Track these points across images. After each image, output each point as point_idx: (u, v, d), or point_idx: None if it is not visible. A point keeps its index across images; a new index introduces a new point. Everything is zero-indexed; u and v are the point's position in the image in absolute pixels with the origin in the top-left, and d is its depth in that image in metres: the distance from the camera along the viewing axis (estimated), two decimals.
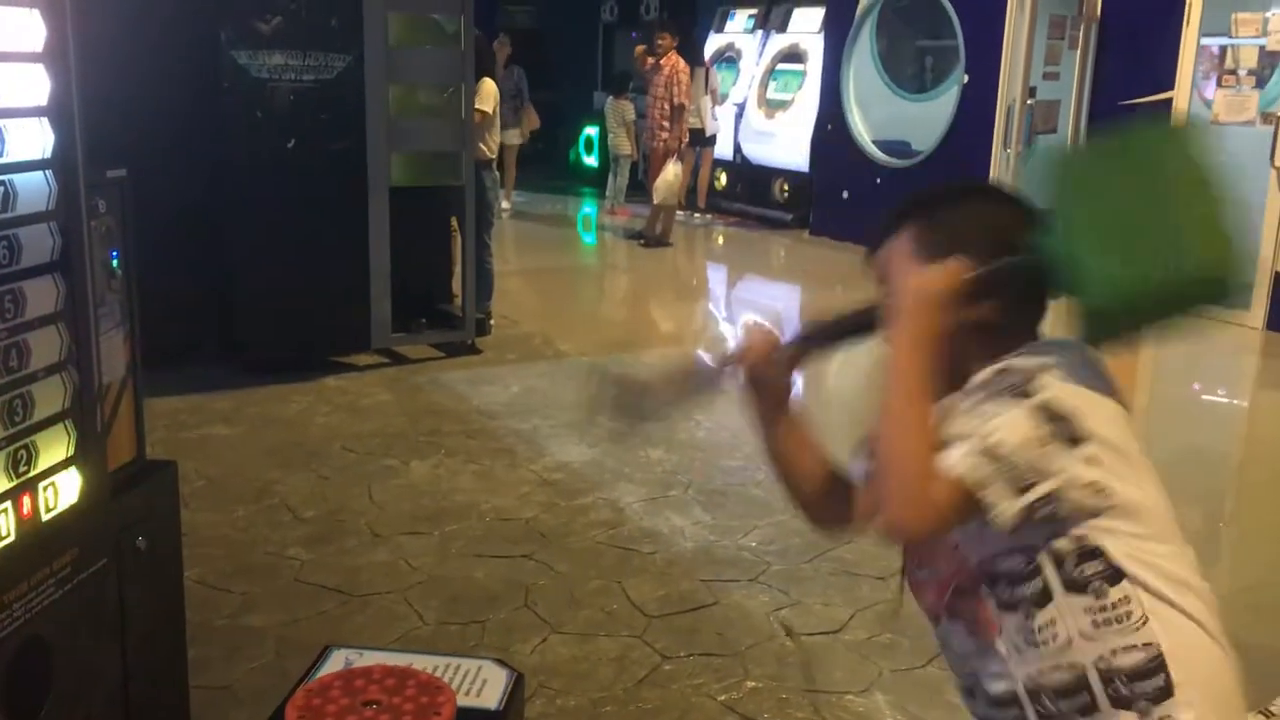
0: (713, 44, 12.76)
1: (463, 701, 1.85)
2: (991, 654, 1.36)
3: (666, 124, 10.08)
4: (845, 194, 10.62)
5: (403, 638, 3.26)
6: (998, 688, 1.36)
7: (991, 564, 1.34)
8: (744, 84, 12.25)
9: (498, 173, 6.88)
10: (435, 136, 6.37)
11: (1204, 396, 6.59)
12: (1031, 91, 8.41)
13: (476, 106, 6.42)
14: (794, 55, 11.76)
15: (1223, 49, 7.80)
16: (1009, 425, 1.25)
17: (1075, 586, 1.29)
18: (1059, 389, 1.28)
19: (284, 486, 4.37)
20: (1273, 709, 2.85)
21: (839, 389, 4.19)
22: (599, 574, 3.69)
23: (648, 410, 1.54)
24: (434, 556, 3.80)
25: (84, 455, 1.87)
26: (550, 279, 9.43)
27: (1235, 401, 6.71)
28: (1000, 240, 1.37)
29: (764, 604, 3.51)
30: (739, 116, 12.15)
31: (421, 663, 1.97)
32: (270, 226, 5.68)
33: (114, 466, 2.03)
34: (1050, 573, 1.30)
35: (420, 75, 6.36)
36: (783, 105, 11.76)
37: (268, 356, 5.78)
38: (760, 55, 12.20)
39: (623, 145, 11.73)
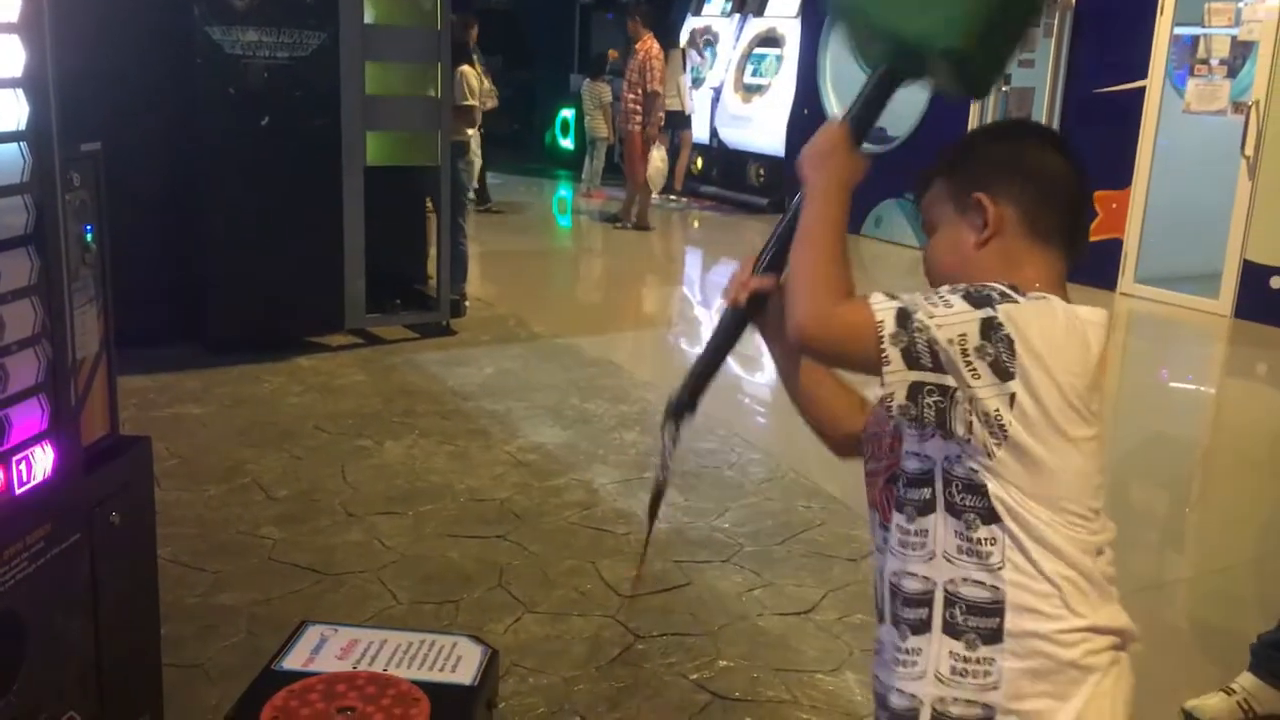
0: (690, 27, 12.74)
1: (438, 677, 1.86)
2: (882, 543, 1.43)
3: (639, 108, 10.07)
4: None
5: (376, 616, 3.26)
6: (877, 576, 1.45)
7: (902, 461, 1.39)
8: (720, 68, 12.24)
9: (475, 159, 6.83)
10: (411, 116, 6.33)
11: (1172, 383, 6.67)
12: (1006, 79, 8.44)
13: (466, 102, 6.40)
14: (771, 39, 11.76)
15: (1195, 38, 7.86)
16: (952, 317, 1.27)
17: (954, 510, 1.33)
18: (1023, 324, 1.27)
19: (256, 466, 4.36)
20: (1234, 687, 2.91)
21: None
22: (572, 554, 3.71)
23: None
24: (408, 536, 3.80)
25: (58, 430, 1.86)
26: (526, 261, 9.41)
27: (1203, 388, 6.79)
28: (1029, 177, 1.41)
29: (737, 584, 3.53)
30: (715, 101, 12.14)
31: (397, 639, 1.98)
32: (243, 205, 5.63)
33: (88, 442, 2.02)
34: (939, 488, 1.33)
35: (396, 54, 6.32)
36: (759, 90, 11.77)
37: (240, 336, 5.75)
38: (737, 39, 12.19)
39: (599, 128, 11.70)
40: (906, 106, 10.10)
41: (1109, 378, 6.67)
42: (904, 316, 1.27)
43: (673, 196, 11.75)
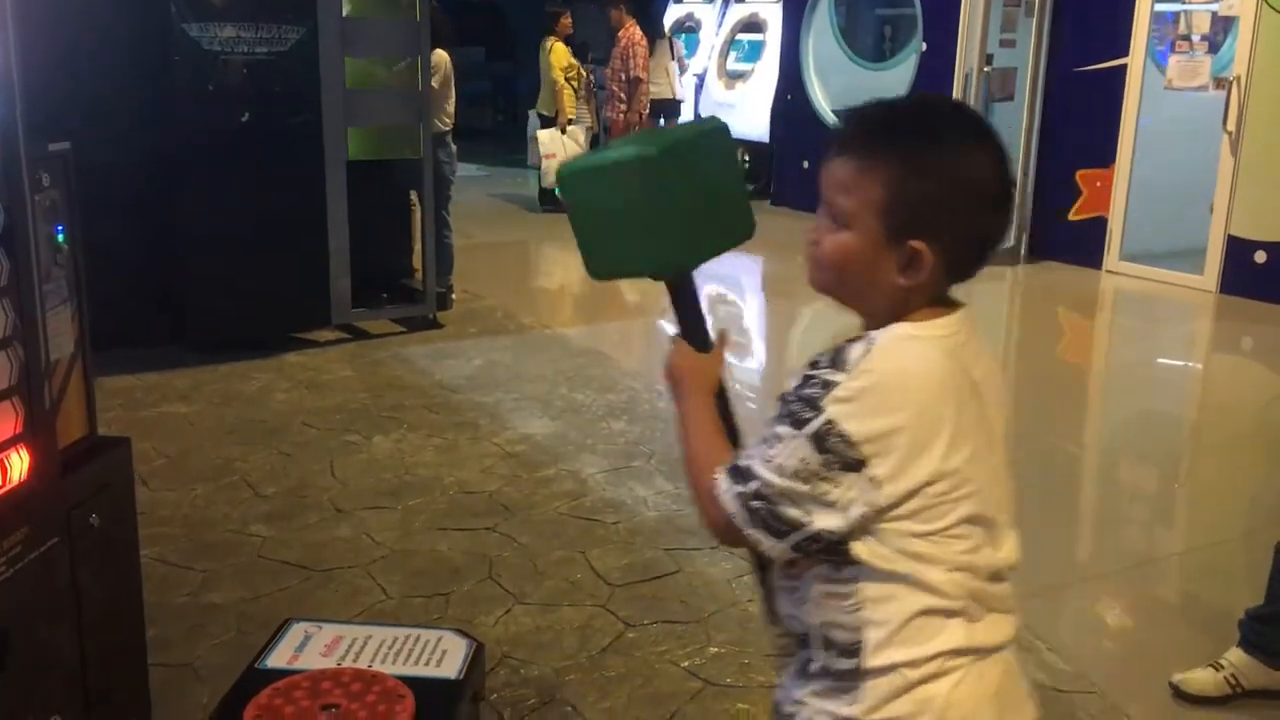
0: (672, 14, 12.70)
1: (423, 672, 1.85)
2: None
3: (623, 95, 10.04)
4: (806, 164, 10.62)
5: (366, 611, 3.25)
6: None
7: None
8: (703, 54, 12.21)
9: (454, 145, 6.81)
10: (392, 109, 6.30)
11: (1158, 359, 6.68)
12: (988, 59, 8.44)
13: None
14: (753, 25, 11.73)
15: (1176, 14, 7.86)
16: (786, 451, 1.26)
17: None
18: (847, 408, 1.24)
19: (244, 464, 4.34)
20: (1222, 661, 2.92)
21: None
22: (562, 545, 3.70)
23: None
24: (397, 531, 3.79)
25: (32, 433, 1.84)
26: (511, 252, 9.39)
27: (1189, 364, 6.80)
28: (968, 211, 1.32)
29: (726, 571, 3.53)
30: (699, 87, 12.11)
31: (381, 634, 1.97)
32: (226, 202, 5.60)
33: (64, 444, 2.00)
34: (800, 536, 1.30)
35: (376, 47, 6.30)
36: (742, 76, 11.74)
37: (226, 334, 5.73)
38: (720, 25, 12.16)
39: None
40: (888, 89, 10.09)
41: (1096, 355, 6.68)
42: (744, 498, 1.29)
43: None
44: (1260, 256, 7.41)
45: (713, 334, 1.53)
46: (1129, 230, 8.25)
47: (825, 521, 1.26)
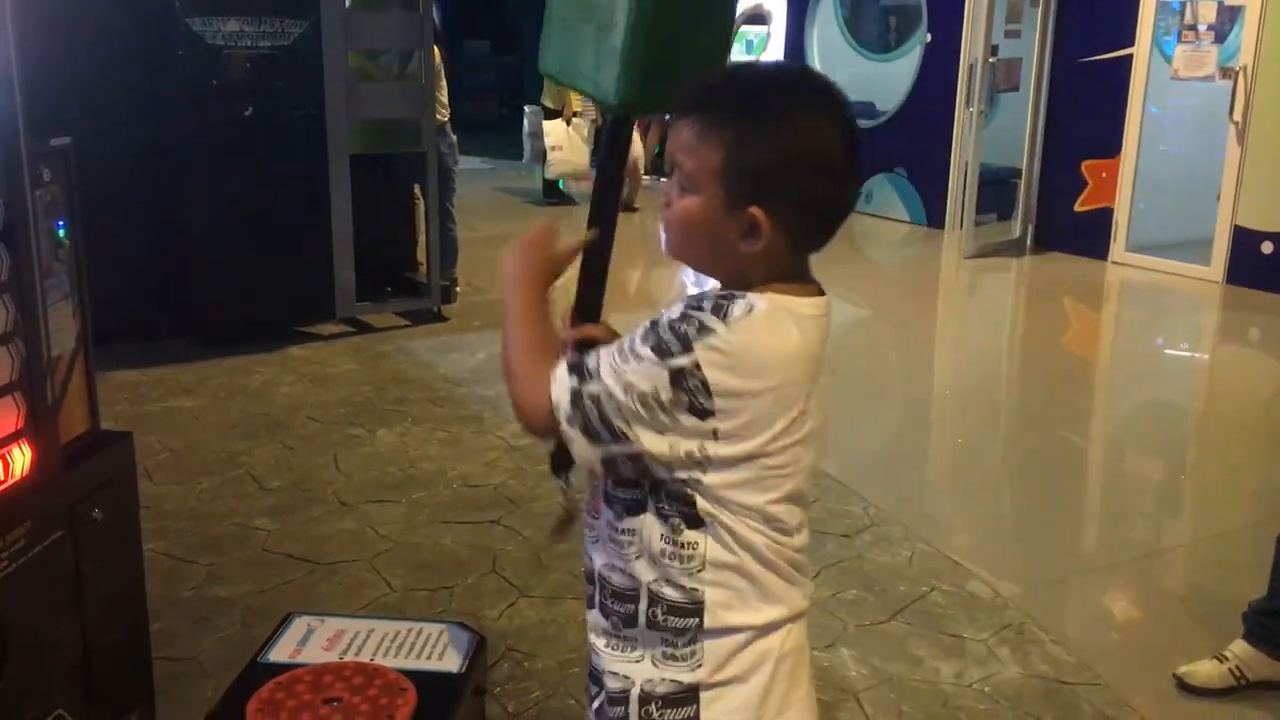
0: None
1: (425, 665, 1.86)
2: (589, 531, 1.44)
3: None
4: None
5: (370, 605, 3.26)
6: (586, 564, 1.46)
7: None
8: None
9: (453, 136, 6.79)
10: (395, 102, 6.30)
11: (1165, 350, 6.66)
12: (993, 50, 8.40)
13: None
14: (757, 17, 11.69)
15: (1182, 4, 7.82)
16: (640, 373, 1.25)
17: (661, 514, 1.32)
18: (719, 362, 1.24)
19: (249, 457, 4.35)
20: (1226, 653, 2.91)
21: None
22: (566, 538, 3.69)
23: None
24: (401, 524, 3.79)
25: (34, 428, 1.84)
26: None
27: (1195, 355, 6.78)
28: (807, 176, 1.29)
29: None
30: None
31: (384, 628, 1.97)
32: (229, 196, 5.60)
33: (67, 439, 2.00)
34: (648, 490, 1.32)
35: (379, 40, 6.29)
36: None
37: (230, 328, 5.73)
38: None
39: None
40: (893, 80, 10.08)
41: (1103, 345, 6.67)
42: (577, 395, 1.27)
43: (662, 178, 11.71)
44: (1267, 247, 7.38)
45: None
46: (1135, 221, 8.22)
47: (650, 444, 1.26)
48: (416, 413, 4.89)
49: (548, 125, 10.31)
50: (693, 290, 1.44)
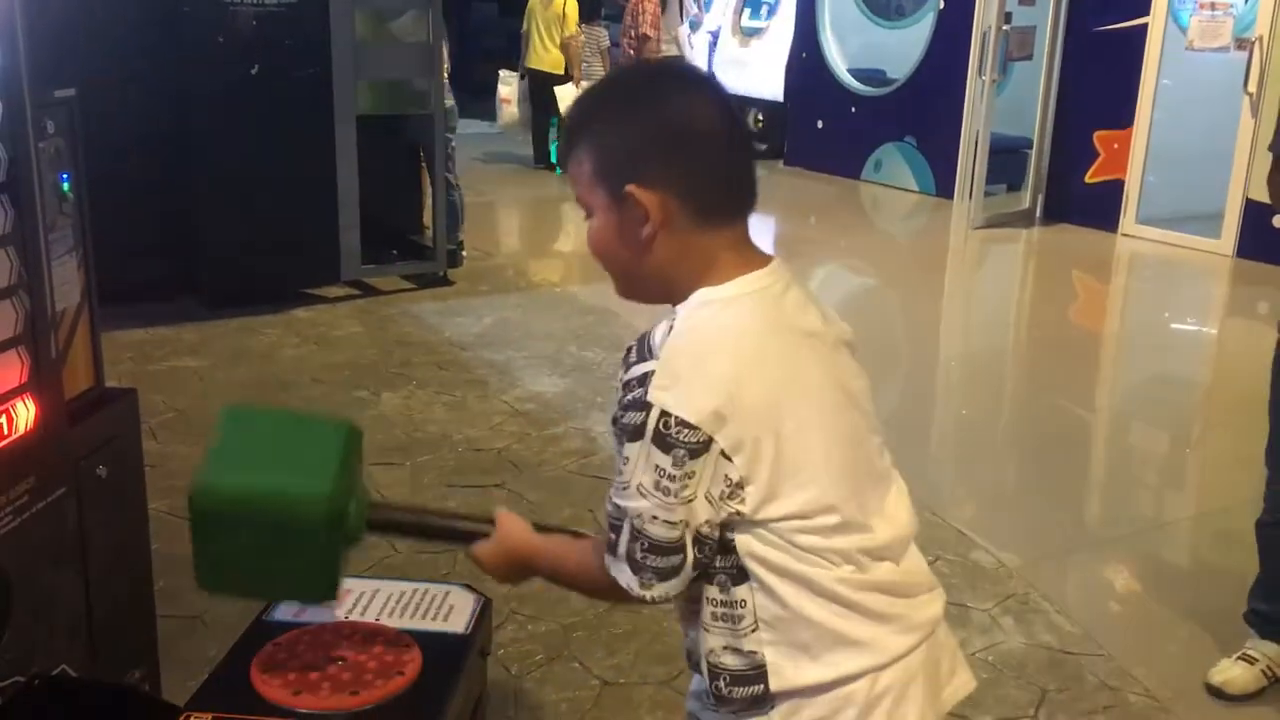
0: None
1: (430, 626, 1.85)
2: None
3: (634, 54, 9.95)
4: (820, 123, 10.54)
5: (375, 566, 3.25)
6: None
7: None
8: (718, 11, 12.08)
9: (453, 101, 6.69)
10: (402, 63, 6.24)
11: (1174, 324, 6.63)
12: (1007, 17, 8.31)
13: None
14: None
15: None
16: (637, 470, 1.19)
17: (706, 575, 1.25)
18: (673, 393, 1.18)
19: None
20: (1254, 654, 2.85)
21: None
22: (570, 502, 3.70)
23: None
24: (406, 487, 3.79)
25: (38, 382, 1.83)
26: (524, 211, 9.34)
27: (1205, 328, 6.75)
28: (680, 148, 1.25)
29: None
30: (713, 45, 11.99)
31: (389, 589, 1.96)
32: (234, 156, 5.57)
33: (71, 395, 1.99)
34: (690, 553, 1.22)
35: None
36: (757, 33, 11.61)
37: (236, 288, 5.72)
38: None
39: (596, 74, 11.56)
40: (904, 48, 9.99)
41: (1111, 319, 6.62)
42: (633, 562, 1.22)
43: None
44: (1278, 220, 7.32)
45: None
46: (1146, 193, 8.16)
47: (698, 517, 1.20)
48: (421, 376, 4.88)
49: (503, 74, 10.32)
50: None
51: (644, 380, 1.19)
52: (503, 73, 10.55)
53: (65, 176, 1.98)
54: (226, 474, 1.42)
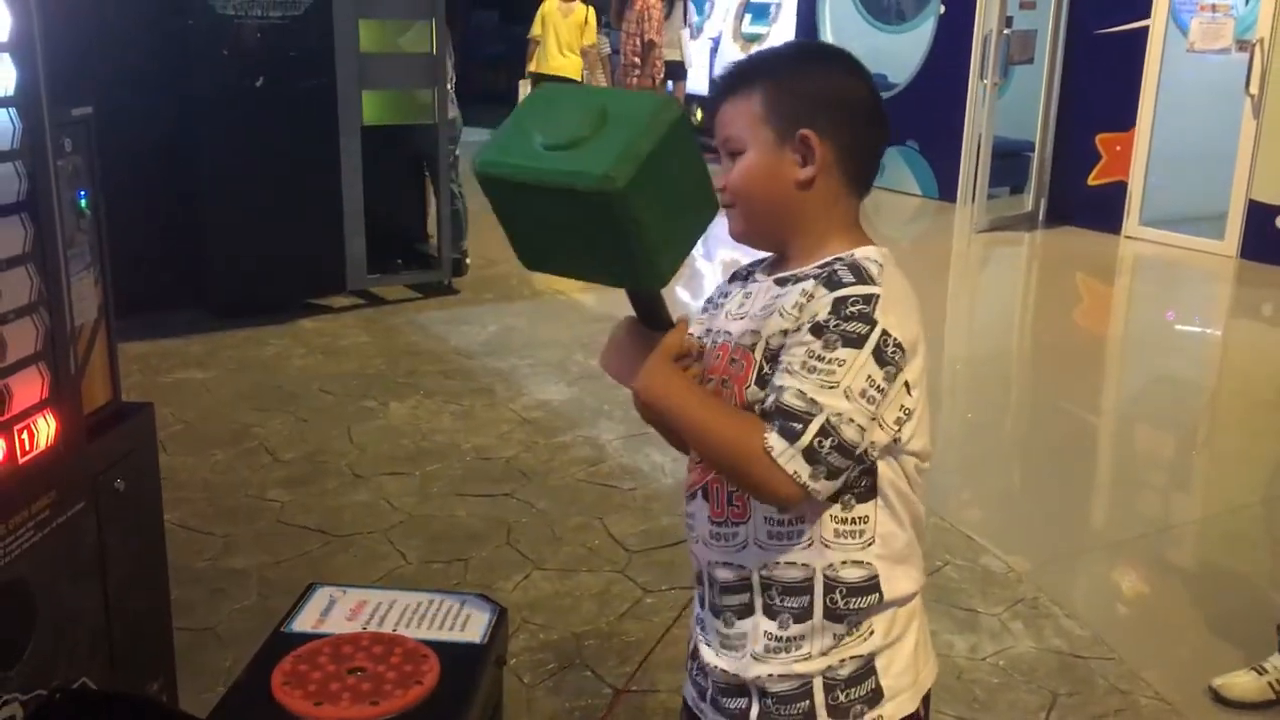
0: None
1: (447, 636, 1.86)
2: (730, 539, 1.39)
3: (639, 60, 9.96)
4: None
5: (386, 577, 3.27)
6: (727, 575, 1.40)
7: None
8: (718, 17, 12.11)
9: (457, 112, 6.71)
10: (406, 74, 6.27)
11: (1178, 325, 6.64)
12: (1008, 21, 8.34)
13: None
14: None
15: None
16: (852, 373, 1.25)
17: (833, 494, 1.32)
18: (893, 316, 1.29)
19: (262, 429, 4.36)
20: (1266, 666, 2.85)
21: None
22: (580, 511, 3.71)
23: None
24: (415, 496, 3.81)
25: (59, 398, 1.85)
26: None
27: (1209, 330, 6.76)
28: (847, 112, 1.37)
29: None
30: (714, 51, 12.01)
31: (405, 599, 1.98)
32: (241, 167, 5.59)
33: (90, 409, 2.01)
34: (862, 458, 1.31)
35: (390, 10, 6.26)
36: (758, 39, 11.64)
37: (242, 299, 5.74)
38: None
39: (598, 81, 11.58)
40: (906, 52, 10.01)
41: (1116, 319, 6.63)
42: (810, 451, 1.23)
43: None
44: None
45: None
46: (1149, 195, 8.18)
47: (878, 436, 1.31)
48: (428, 385, 4.90)
49: (523, 85, 10.31)
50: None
51: (869, 300, 1.28)
52: (522, 84, 10.54)
53: (83, 194, 2.00)
54: (515, 139, 1.29)
